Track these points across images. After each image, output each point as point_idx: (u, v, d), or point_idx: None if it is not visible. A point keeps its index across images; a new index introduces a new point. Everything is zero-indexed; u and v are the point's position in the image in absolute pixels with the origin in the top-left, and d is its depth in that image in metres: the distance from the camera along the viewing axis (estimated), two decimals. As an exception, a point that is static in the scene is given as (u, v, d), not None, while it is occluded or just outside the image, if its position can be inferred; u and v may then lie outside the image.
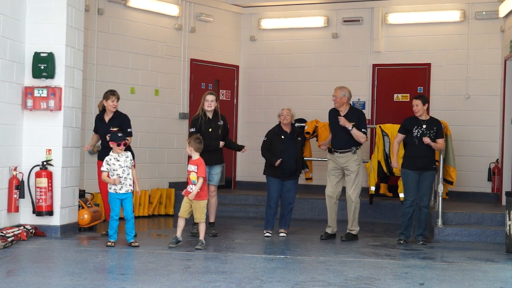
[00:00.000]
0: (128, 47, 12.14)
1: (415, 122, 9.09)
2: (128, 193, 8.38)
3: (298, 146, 9.69)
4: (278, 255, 8.29)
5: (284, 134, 9.54)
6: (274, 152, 9.44)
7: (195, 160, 8.41)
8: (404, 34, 13.20)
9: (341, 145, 9.21)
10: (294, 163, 9.48)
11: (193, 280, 6.73)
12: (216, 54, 13.78)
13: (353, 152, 9.18)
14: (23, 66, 9.10)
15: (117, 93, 9.14)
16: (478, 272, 7.53)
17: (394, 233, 10.25)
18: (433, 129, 9.03)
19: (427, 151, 9.00)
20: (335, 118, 9.25)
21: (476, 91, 12.52)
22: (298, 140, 9.75)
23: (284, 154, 9.38)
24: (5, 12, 8.68)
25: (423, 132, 8.97)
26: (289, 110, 9.59)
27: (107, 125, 8.99)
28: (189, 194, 8.33)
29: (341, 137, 9.21)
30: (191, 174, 8.36)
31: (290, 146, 9.48)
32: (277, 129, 9.65)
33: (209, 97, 9.34)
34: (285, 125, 9.58)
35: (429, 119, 9.12)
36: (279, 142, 9.47)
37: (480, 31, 12.63)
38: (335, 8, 13.53)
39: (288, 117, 9.53)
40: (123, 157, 8.37)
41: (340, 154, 9.22)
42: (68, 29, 9.28)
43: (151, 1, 12.49)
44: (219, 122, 9.44)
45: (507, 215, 8.97)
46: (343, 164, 9.23)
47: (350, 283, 6.81)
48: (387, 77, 13.31)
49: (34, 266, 7.17)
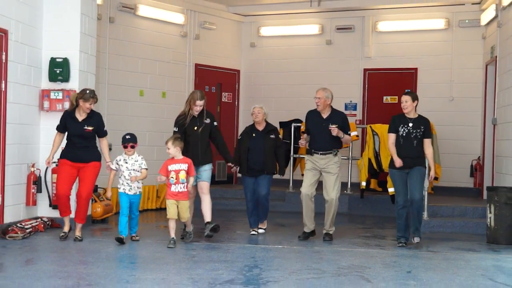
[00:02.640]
0: (137, 53, 12.14)
1: (402, 120, 8.24)
2: (136, 195, 8.05)
3: (269, 144, 8.84)
4: (276, 245, 8.29)
5: (255, 132, 8.89)
6: (242, 150, 8.86)
7: (182, 159, 7.79)
8: (393, 41, 13.22)
9: (323, 147, 8.44)
10: (261, 160, 8.76)
11: (198, 269, 6.75)
12: (219, 59, 13.78)
13: (334, 154, 8.45)
14: (40, 70, 9.12)
15: (96, 96, 8.06)
16: (461, 261, 7.55)
17: (384, 225, 10.27)
18: (420, 128, 8.18)
19: (413, 150, 8.13)
20: (316, 120, 8.56)
21: (459, 93, 12.55)
22: (271, 137, 8.89)
23: (251, 152, 8.77)
24: (23, 21, 8.69)
25: (410, 131, 8.15)
26: (261, 108, 8.89)
27: (80, 124, 7.93)
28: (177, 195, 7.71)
29: (322, 139, 8.45)
30: (181, 172, 7.71)
31: (258, 144, 8.79)
32: (249, 128, 9.04)
33: (199, 102, 8.30)
34: (258, 123, 8.91)
35: (417, 118, 8.26)
36: (247, 140, 8.85)
37: (463, 38, 12.65)
38: (329, 17, 13.55)
39: (260, 115, 8.85)
40: (131, 160, 7.98)
41: (321, 155, 8.44)
42: (82, 36, 9.29)
43: (158, 10, 12.49)
44: (205, 120, 8.43)
45: (488, 208, 8.98)
46: (323, 165, 8.44)
47: (342, 271, 6.83)
48: (377, 81, 13.33)
49: (51, 255, 7.18)
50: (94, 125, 7.98)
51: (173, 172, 7.69)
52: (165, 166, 7.74)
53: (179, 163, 7.75)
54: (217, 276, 6.39)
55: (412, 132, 8.15)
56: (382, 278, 6.56)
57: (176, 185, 7.69)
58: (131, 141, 7.97)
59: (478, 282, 6.49)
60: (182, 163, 7.75)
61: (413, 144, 8.14)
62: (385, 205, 11.07)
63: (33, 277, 6.22)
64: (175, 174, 7.69)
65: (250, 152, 8.77)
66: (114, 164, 7.97)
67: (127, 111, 11.87)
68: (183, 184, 7.72)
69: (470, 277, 6.72)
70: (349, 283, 6.27)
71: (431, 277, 6.65)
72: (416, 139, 8.15)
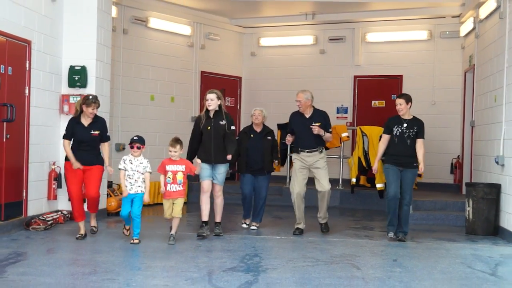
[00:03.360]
0: (148, 61, 12.13)
1: (397, 121, 7.98)
2: (137, 194, 7.36)
3: (267, 144, 8.63)
4: (274, 236, 8.30)
5: (253, 133, 8.65)
6: (241, 149, 8.50)
7: (180, 160, 7.37)
8: (380, 50, 13.22)
9: (309, 146, 8.21)
10: (260, 160, 8.54)
11: (203, 257, 6.75)
12: (222, 67, 13.78)
13: (320, 151, 8.25)
14: (60, 77, 9.11)
15: (98, 102, 7.61)
16: (442, 250, 7.56)
17: (372, 218, 10.27)
18: (414, 128, 7.89)
19: (407, 149, 7.88)
20: (300, 120, 8.34)
21: (440, 98, 12.55)
22: (268, 139, 8.68)
23: (250, 152, 8.52)
24: (45, 32, 8.69)
25: (403, 131, 7.87)
26: (261, 111, 8.67)
27: (87, 129, 7.53)
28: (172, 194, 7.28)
29: (308, 138, 8.21)
30: (178, 174, 7.29)
31: (257, 144, 8.55)
32: (248, 128, 8.80)
33: (209, 95, 7.86)
34: (256, 125, 8.68)
35: (411, 119, 7.97)
36: (246, 140, 8.59)
37: (444, 48, 12.67)
38: (322, 29, 13.55)
39: (260, 117, 8.63)
40: (137, 162, 7.35)
41: (308, 153, 8.21)
42: (98, 46, 9.29)
43: (167, 22, 12.49)
44: (221, 121, 7.86)
45: (467, 202, 8.99)
46: (310, 163, 8.22)
47: (335, 259, 6.83)
48: (366, 87, 13.33)
49: (70, 245, 7.18)
50: (100, 130, 7.64)
51: (170, 173, 7.30)
52: (163, 165, 7.36)
53: (177, 164, 7.35)
54: (221, 264, 6.40)
55: (406, 132, 7.88)
56: (371, 266, 6.57)
57: (172, 185, 7.29)
58: (138, 142, 7.44)
59: (458, 269, 6.50)
60: (179, 164, 7.35)
61: (407, 144, 7.87)
62: (374, 200, 11.09)
63: (54, 264, 6.22)
64: (172, 174, 7.29)
65: (248, 152, 8.55)
66: (121, 163, 7.40)
67: (139, 114, 11.87)
68: (179, 184, 7.32)
69: (451, 264, 6.73)
70: (341, 270, 6.27)
71: (415, 265, 6.66)
72: (409, 139, 7.88)
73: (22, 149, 8.25)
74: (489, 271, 6.44)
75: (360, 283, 5.77)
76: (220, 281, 5.68)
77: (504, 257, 7.23)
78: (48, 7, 8.79)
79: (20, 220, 8.19)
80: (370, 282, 5.80)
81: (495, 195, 8.76)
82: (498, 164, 8.79)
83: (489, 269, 6.53)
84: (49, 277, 5.71)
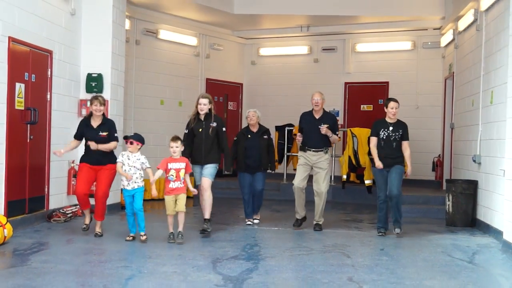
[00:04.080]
0: (159, 69, 12.13)
1: (383, 125, 7.64)
2: (136, 189, 6.93)
3: (263, 143, 8.27)
4: (273, 228, 8.29)
5: (250, 134, 8.31)
6: (239, 149, 8.26)
7: (180, 158, 6.92)
8: (369, 59, 13.21)
9: (316, 145, 7.93)
10: (257, 158, 8.19)
11: (208, 246, 6.75)
12: (225, 74, 13.77)
13: (325, 151, 7.95)
14: (78, 83, 9.11)
15: (100, 98, 7.23)
16: (424, 240, 7.56)
17: (361, 211, 10.26)
18: (399, 131, 7.60)
19: (392, 151, 7.56)
20: (310, 120, 8.05)
21: (423, 103, 12.54)
22: (264, 138, 8.32)
23: (248, 151, 8.19)
24: (65, 43, 8.70)
25: (389, 135, 7.57)
26: (255, 112, 8.34)
27: (95, 130, 7.20)
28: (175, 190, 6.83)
29: (316, 138, 7.92)
30: (181, 171, 6.84)
31: (254, 144, 8.20)
32: (245, 129, 8.47)
33: (202, 100, 7.57)
34: (252, 126, 8.34)
35: (396, 122, 7.65)
36: (244, 140, 8.26)
37: (426, 57, 12.65)
38: (316, 40, 13.54)
39: (254, 118, 8.28)
40: (134, 158, 6.90)
41: (314, 152, 7.91)
42: (113, 55, 9.29)
43: (176, 34, 12.49)
44: (212, 123, 7.53)
45: (447, 197, 8.99)
46: (314, 161, 7.93)
47: (327, 248, 6.83)
48: (355, 92, 13.32)
49: (87, 236, 7.17)
50: (108, 131, 7.24)
51: (173, 170, 6.82)
52: (165, 163, 6.87)
53: (179, 162, 6.88)
54: (224, 253, 6.40)
55: (392, 135, 7.58)
56: (360, 255, 6.57)
57: (175, 182, 6.82)
58: (132, 137, 6.96)
59: (439, 258, 6.50)
60: (181, 162, 6.89)
61: (393, 146, 7.58)
62: (362, 195, 11.07)
63: (73, 253, 6.23)
64: (175, 172, 6.82)
65: (247, 151, 8.21)
66: (120, 157, 6.94)
67: (150, 117, 11.87)
68: (181, 181, 6.87)
69: (432, 253, 6.73)
70: (333, 259, 6.28)
71: (400, 254, 6.66)
72: (395, 142, 7.60)
73: (44, 148, 8.25)
74: (467, 259, 6.44)
75: (350, 270, 5.77)
76: (223, 268, 5.68)
77: (480, 246, 7.24)
78: (68, 20, 8.80)
79: (42, 213, 8.19)
80: (359, 269, 5.80)
81: (472, 190, 8.76)
82: (475, 162, 8.80)
83: (467, 258, 6.53)
84: (69, 265, 5.71)
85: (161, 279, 5.25)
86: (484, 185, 8.41)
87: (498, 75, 7.82)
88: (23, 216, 7.72)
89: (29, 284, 4.97)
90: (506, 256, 6.58)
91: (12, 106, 7.41)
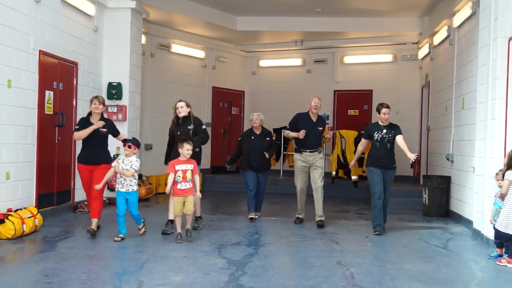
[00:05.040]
0: (171, 78, 12.12)
1: (377, 128, 7.17)
2: (130, 192, 6.27)
3: (266, 144, 7.84)
4: (271, 217, 8.29)
5: (253, 135, 7.90)
6: (243, 149, 7.87)
7: (188, 160, 6.28)
8: (355, 70, 13.20)
9: (312, 146, 7.49)
10: (260, 158, 7.77)
11: (214, 234, 6.75)
12: (229, 83, 13.76)
13: (319, 151, 7.56)
14: (100, 91, 9.10)
15: (100, 98, 6.62)
16: (404, 229, 7.55)
17: (349, 203, 10.25)
18: (392, 133, 7.12)
19: (387, 152, 7.11)
20: (307, 123, 7.57)
21: (403, 108, 12.52)
22: (266, 140, 7.91)
23: (251, 151, 7.79)
24: (89, 56, 8.70)
25: (383, 136, 7.09)
26: (259, 116, 7.95)
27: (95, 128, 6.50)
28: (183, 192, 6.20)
29: (312, 140, 7.53)
30: (187, 172, 6.21)
31: (256, 145, 7.79)
32: (248, 131, 8.06)
33: (179, 104, 7.00)
34: (255, 128, 7.92)
35: (388, 125, 7.20)
36: (247, 141, 7.86)
37: (405, 68, 12.65)
38: (309, 53, 13.53)
39: (258, 121, 7.88)
40: (127, 161, 6.22)
41: (309, 153, 7.48)
42: (131, 66, 9.29)
43: (186, 48, 12.48)
44: (189, 126, 6.89)
45: (423, 190, 8.99)
46: (311, 161, 7.51)
47: (318, 236, 6.83)
48: (343, 99, 13.31)
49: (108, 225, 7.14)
50: (108, 128, 6.60)
51: (180, 172, 6.20)
52: (172, 165, 6.26)
53: (186, 163, 6.25)
54: (228, 240, 6.40)
55: (385, 137, 7.10)
56: (347, 241, 6.56)
57: (182, 183, 6.20)
58: (130, 141, 6.29)
59: (417, 244, 6.51)
60: (188, 163, 6.27)
61: (387, 147, 7.09)
62: (349, 188, 11.08)
63: (95, 240, 6.23)
64: (182, 173, 6.20)
65: (250, 151, 7.83)
66: (115, 162, 6.30)
67: (163, 121, 11.74)
68: (189, 182, 6.23)
69: (411, 240, 6.73)
70: (323, 245, 6.28)
71: (383, 240, 6.66)
72: (389, 143, 7.10)
73: (70, 148, 8.24)
74: (441, 245, 6.44)
75: (339, 255, 5.77)
76: (227, 253, 5.68)
77: (453, 234, 7.23)
78: (91, 35, 8.80)
79: (68, 205, 8.20)
80: (347, 254, 5.80)
81: (446, 185, 8.76)
82: (448, 160, 8.80)
83: (441, 244, 6.53)
84: (92, 250, 5.72)
85: (173, 262, 5.25)
86: (456, 180, 8.40)
87: (468, 84, 7.82)
88: (51, 207, 7.73)
89: (57, 267, 4.98)
90: (476, 243, 6.58)
91: (42, 111, 7.42)
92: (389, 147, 7.15)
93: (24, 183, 7.04)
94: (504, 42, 6.17)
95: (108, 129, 6.64)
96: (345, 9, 11.02)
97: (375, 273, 5.02)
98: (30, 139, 7.13)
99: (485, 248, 6.20)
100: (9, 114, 6.67)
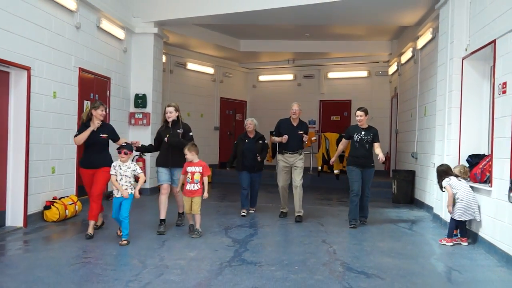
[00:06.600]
0: (186, 90, 12.12)
1: (356, 130, 6.56)
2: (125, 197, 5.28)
3: (259, 147, 7.19)
4: (268, 204, 8.27)
5: (247, 139, 7.23)
6: (238, 151, 7.25)
7: (197, 162, 5.57)
8: (337, 84, 13.19)
9: (293, 148, 6.84)
10: (253, 160, 7.12)
11: (222, 218, 6.73)
12: (234, 94, 13.75)
13: (299, 153, 6.87)
14: (128, 101, 9.10)
15: (105, 104, 5.76)
16: (377, 213, 7.54)
17: (331, 192, 10.22)
18: (370, 135, 6.51)
19: (365, 152, 6.48)
20: (288, 127, 6.95)
21: (376, 115, 12.47)
22: (259, 143, 7.23)
23: (245, 153, 7.13)
24: (119, 72, 8.69)
25: (362, 138, 6.48)
26: (252, 121, 7.29)
27: (96, 133, 5.60)
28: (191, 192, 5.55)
29: (293, 142, 6.83)
30: (195, 174, 5.50)
31: (251, 148, 7.14)
32: (243, 135, 7.33)
33: (168, 109, 5.96)
34: (249, 132, 7.25)
35: (367, 128, 6.57)
36: (242, 144, 7.21)
37: (378, 82, 12.65)
38: (299, 70, 13.53)
39: (251, 126, 7.21)
40: (125, 167, 5.27)
41: (290, 154, 6.84)
42: (154, 81, 9.28)
43: (198, 65, 12.48)
44: (178, 130, 5.92)
45: (393, 182, 8.98)
46: (292, 162, 6.86)
47: (306, 219, 6.81)
48: (327, 107, 13.30)
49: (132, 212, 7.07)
50: (108, 133, 5.70)
51: (189, 173, 5.55)
52: (184, 167, 5.62)
53: (195, 166, 5.55)
54: (233, 222, 6.40)
55: (364, 138, 6.49)
56: (330, 223, 6.56)
57: (190, 184, 5.53)
58: (125, 148, 5.31)
59: (388, 226, 6.49)
60: (197, 166, 5.55)
61: (366, 148, 6.47)
62: (332, 181, 11.05)
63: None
64: (191, 175, 5.54)
65: (244, 153, 7.18)
66: (112, 170, 5.30)
67: (180, 125, 11.84)
68: (196, 183, 5.53)
69: (383, 223, 6.72)
70: (311, 226, 6.27)
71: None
72: (367, 144, 6.47)
73: (104, 148, 8.20)
74: (408, 227, 6.43)
75: (324, 234, 5.77)
76: (232, 233, 5.68)
77: (417, 218, 7.23)
78: (121, 55, 8.79)
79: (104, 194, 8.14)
80: (331, 234, 5.80)
81: (411, 177, 8.75)
82: (413, 157, 8.79)
83: (407, 226, 6.53)
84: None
85: (188, 241, 5.27)
86: (420, 174, 8.40)
87: (429, 95, 7.82)
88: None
89: (94, 245, 4.99)
90: (436, 225, 6.58)
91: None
92: (368, 148, 6.53)
93: (66, 176, 7.04)
94: (459, 61, 6.20)
95: (108, 135, 5.72)
96: (329, 34, 11.04)
97: (353, 250, 5.02)
98: (71, 140, 7.12)
99: (443, 229, 6.19)
100: (55, 120, 6.68)
